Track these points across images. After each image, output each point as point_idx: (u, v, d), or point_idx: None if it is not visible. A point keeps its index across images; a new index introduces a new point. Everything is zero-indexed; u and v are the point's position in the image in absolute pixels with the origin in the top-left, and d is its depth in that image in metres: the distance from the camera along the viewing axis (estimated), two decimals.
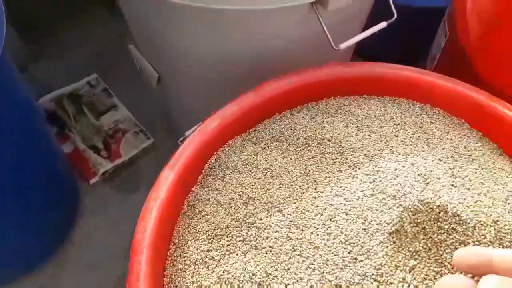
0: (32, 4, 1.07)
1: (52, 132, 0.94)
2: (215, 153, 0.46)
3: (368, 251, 0.34)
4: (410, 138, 0.43)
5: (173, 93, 0.70)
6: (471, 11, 0.61)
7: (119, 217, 0.88)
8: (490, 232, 0.36)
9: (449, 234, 0.36)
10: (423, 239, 0.35)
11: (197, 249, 0.39)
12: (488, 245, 0.36)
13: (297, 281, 0.34)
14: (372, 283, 0.34)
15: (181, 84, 0.64)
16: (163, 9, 0.48)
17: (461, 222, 0.36)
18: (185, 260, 0.39)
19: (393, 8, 0.52)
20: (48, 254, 0.83)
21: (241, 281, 0.35)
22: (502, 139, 0.46)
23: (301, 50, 0.52)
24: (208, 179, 0.44)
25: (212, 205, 0.41)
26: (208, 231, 0.40)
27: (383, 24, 0.52)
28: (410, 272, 0.34)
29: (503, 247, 0.36)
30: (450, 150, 0.43)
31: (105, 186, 0.92)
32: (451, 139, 0.45)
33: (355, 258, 0.34)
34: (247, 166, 0.44)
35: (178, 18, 0.49)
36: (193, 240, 0.40)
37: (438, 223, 0.36)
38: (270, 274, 0.35)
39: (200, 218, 0.41)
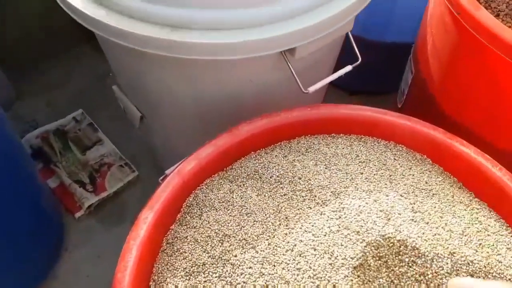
0: (17, 42, 1.10)
1: (37, 168, 0.95)
2: (193, 191, 0.48)
3: (334, 286, 0.37)
4: (374, 175, 0.47)
5: (155, 131, 0.73)
6: (431, 52, 0.66)
7: (104, 250, 0.89)
8: (447, 263, 0.39)
9: (410, 267, 0.39)
10: (386, 272, 0.38)
11: (175, 286, 0.41)
12: (445, 277, 0.39)
13: None
14: None
15: (163, 123, 0.67)
16: (142, 59, 0.52)
17: (420, 255, 0.39)
18: None
19: (357, 52, 0.56)
20: None
21: None
22: (461, 173, 0.50)
23: (273, 93, 0.56)
24: (186, 217, 0.46)
25: (190, 243, 0.44)
26: (186, 268, 0.42)
27: (349, 68, 0.56)
28: None
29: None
30: (412, 185, 0.46)
31: (90, 220, 0.93)
32: (413, 175, 0.48)
33: None
34: (224, 204, 0.46)
35: (156, 66, 0.52)
36: (171, 277, 0.42)
37: (399, 257, 0.39)
38: None
39: (178, 256, 0.43)
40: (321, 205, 0.43)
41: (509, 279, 0.40)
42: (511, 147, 0.59)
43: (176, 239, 0.45)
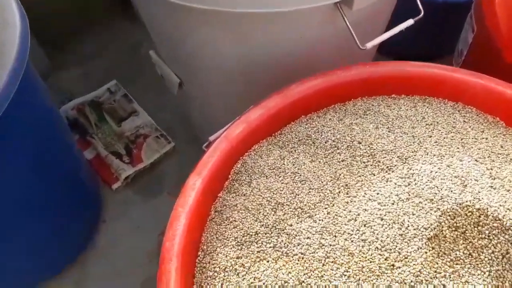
0: (51, 15, 1.09)
1: (75, 139, 0.95)
2: (241, 158, 0.45)
3: (406, 258, 0.33)
4: (444, 138, 0.42)
5: (195, 98, 0.70)
6: (500, 4, 0.59)
7: (142, 221, 0.88)
8: None
9: (491, 240, 0.34)
10: (463, 244, 0.34)
11: (226, 256, 0.38)
12: None
13: (330, 287, 0.33)
14: None
15: (203, 90, 0.64)
16: (183, 16, 0.48)
17: (503, 226, 0.34)
18: (214, 267, 0.38)
19: (419, 4, 0.50)
20: (72, 260, 0.84)
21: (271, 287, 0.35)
22: None
23: (325, 51, 0.51)
24: (235, 184, 0.43)
25: (240, 211, 0.41)
26: (237, 237, 0.39)
27: (410, 22, 0.50)
28: (450, 278, 0.33)
29: None
30: (487, 150, 0.41)
31: (128, 191, 0.92)
32: (486, 139, 0.43)
33: (393, 265, 0.33)
34: (274, 170, 0.43)
35: (199, 25, 0.48)
36: (222, 247, 0.39)
37: (479, 228, 0.34)
38: (303, 281, 0.34)
39: (228, 224, 0.40)
40: (386, 171, 0.39)
41: None
42: None
43: (225, 207, 0.42)
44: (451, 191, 0.35)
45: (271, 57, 0.50)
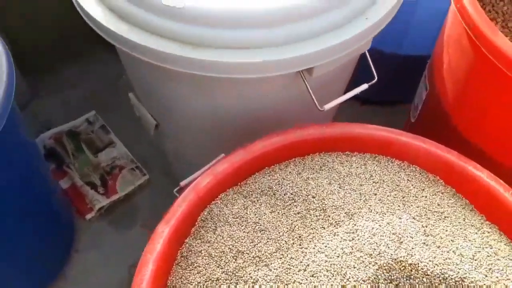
0: (32, 43, 1.12)
1: (50, 169, 0.97)
2: (208, 206, 0.49)
3: None
4: (388, 196, 0.47)
5: (169, 139, 0.74)
6: (446, 71, 0.67)
7: (114, 252, 0.90)
8: None
9: None
10: None
11: None
12: None
13: None
14: None
15: (177, 133, 0.68)
16: (159, 74, 0.53)
17: (430, 279, 0.39)
18: None
19: (373, 71, 0.57)
20: None
21: None
22: (473, 196, 0.50)
23: (288, 109, 0.57)
24: (201, 231, 0.47)
25: (204, 257, 0.45)
26: (199, 282, 0.43)
27: (365, 86, 0.57)
28: None
29: None
30: (424, 208, 0.47)
31: (101, 222, 0.94)
32: (425, 197, 0.49)
33: None
34: (238, 219, 0.47)
35: (175, 81, 0.53)
36: None
37: (410, 280, 0.39)
38: None
39: (192, 270, 0.44)
40: (334, 226, 0.44)
41: None
42: None
43: (190, 252, 0.46)
44: (388, 247, 0.41)
45: (239, 114, 0.56)
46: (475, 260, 0.43)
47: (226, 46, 0.47)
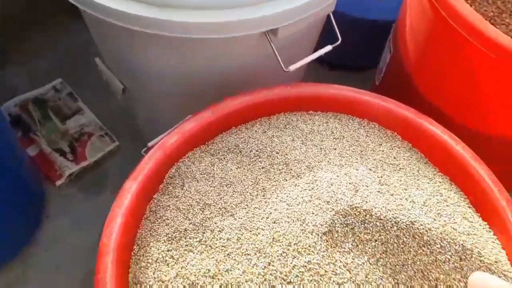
0: None
1: (16, 136, 0.95)
2: (175, 164, 0.50)
3: (306, 248, 0.41)
4: (347, 150, 0.50)
5: (138, 103, 0.74)
6: (408, 33, 0.69)
7: (85, 217, 0.91)
8: (407, 231, 0.43)
9: (374, 234, 0.43)
10: (352, 238, 0.42)
11: (158, 249, 0.44)
12: (407, 244, 0.43)
13: (245, 272, 0.40)
14: (310, 276, 0.40)
15: (146, 96, 0.68)
16: (130, 37, 0.53)
17: (383, 223, 0.43)
18: (147, 259, 0.44)
19: (337, 33, 0.58)
20: (14, 255, 0.85)
21: (196, 275, 0.41)
22: (427, 150, 0.54)
23: (255, 70, 0.58)
24: (169, 187, 0.49)
25: (172, 211, 0.46)
26: (168, 233, 0.45)
27: (328, 48, 0.58)
28: (340, 264, 0.40)
29: (420, 246, 0.43)
30: (381, 160, 0.50)
31: (71, 188, 0.95)
32: (382, 151, 0.52)
33: (294, 254, 0.40)
34: (205, 175, 0.49)
35: (144, 43, 0.53)
36: (154, 242, 0.45)
37: (364, 225, 0.43)
38: (221, 269, 0.41)
39: (161, 222, 0.46)
40: (296, 178, 0.46)
41: (462, 244, 0.45)
42: (479, 127, 0.63)
43: (159, 207, 0.47)
44: (345, 195, 0.43)
45: (208, 75, 0.57)
46: (426, 206, 0.46)
47: (192, 7, 0.47)
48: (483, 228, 0.49)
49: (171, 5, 0.48)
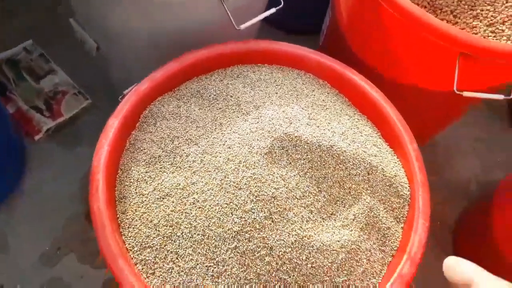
0: None
1: None
2: (148, 106, 0.62)
3: (252, 165, 0.54)
4: (286, 94, 0.63)
5: (110, 59, 0.84)
6: None
7: (63, 168, 1.01)
8: (328, 152, 0.57)
9: (302, 154, 0.57)
10: (286, 156, 0.56)
11: (138, 172, 0.56)
12: (327, 161, 0.57)
13: (207, 183, 0.53)
14: (255, 183, 0.53)
15: (117, 54, 0.78)
16: None
17: (309, 146, 0.57)
18: (129, 179, 0.56)
19: None
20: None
21: (169, 188, 0.54)
22: (350, 94, 0.68)
23: (212, 28, 0.69)
24: (143, 125, 0.61)
25: (148, 143, 0.59)
26: (145, 159, 0.57)
27: (272, 10, 0.70)
28: (277, 176, 0.54)
29: (338, 163, 0.58)
30: (312, 102, 0.64)
31: (50, 142, 1.03)
32: (314, 95, 0.65)
33: (243, 169, 0.54)
34: (173, 115, 0.61)
35: (114, 6, 0.63)
36: (135, 166, 0.57)
37: (296, 148, 0.56)
38: (188, 182, 0.54)
39: (139, 152, 0.58)
40: (245, 115, 0.59)
41: (370, 162, 0.60)
42: (395, 77, 0.78)
43: (136, 140, 0.59)
44: (281, 126, 0.57)
45: (172, 32, 0.67)
46: (343, 135, 0.61)
47: None
48: (388, 152, 0.64)
49: None
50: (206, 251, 0.50)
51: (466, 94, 0.67)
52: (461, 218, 1.07)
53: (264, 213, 0.51)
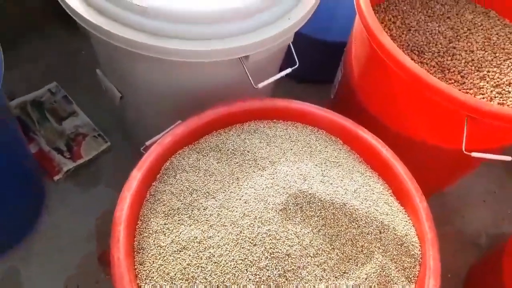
0: None
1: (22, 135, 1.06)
2: (169, 159, 0.65)
3: (267, 220, 0.56)
4: (300, 151, 0.66)
5: (132, 109, 0.88)
6: (354, 57, 0.86)
7: (81, 208, 1.03)
8: (340, 210, 0.59)
9: (316, 212, 0.59)
10: (300, 213, 0.58)
11: (157, 224, 0.59)
12: (339, 219, 0.59)
13: (223, 238, 0.55)
14: (269, 240, 0.55)
15: (140, 104, 0.83)
16: (126, 55, 0.67)
17: (323, 204, 0.59)
18: (148, 230, 0.58)
19: (295, 58, 0.75)
20: (17, 240, 0.96)
21: (186, 241, 0.56)
22: (361, 152, 0.71)
23: (231, 86, 0.74)
24: (164, 176, 0.64)
25: (167, 194, 0.61)
26: (164, 211, 0.60)
27: (288, 70, 0.74)
28: (291, 232, 0.56)
29: (350, 221, 0.59)
30: (325, 159, 0.66)
31: (68, 183, 1.06)
32: (327, 152, 0.68)
33: (259, 224, 0.56)
34: (192, 168, 0.64)
35: (140, 62, 0.68)
36: (154, 218, 0.59)
37: (310, 204, 0.59)
38: (205, 236, 0.56)
39: (159, 203, 0.61)
40: (261, 170, 0.62)
41: (382, 221, 0.61)
42: (400, 129, 0.80)
43: (156, 192, 0.62)
44: (296, 183, 0.59)
45: (192, 89, 0.72)
46: (356, 192, 0.63)
47: (183, 38, 0.62)
48: (399, 211, 0.66)
49: (166, 35, 0.63)
50: None
51: (474, 154, 0.69)
52: (472, 270, 1.07)
53: (279, 270, 0.52)
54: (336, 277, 0.55)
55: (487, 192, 1.23)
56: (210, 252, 0.54)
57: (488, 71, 0.83)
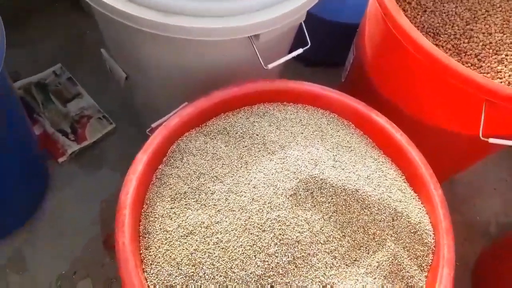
0: None
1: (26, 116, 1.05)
2: (176, 141, 0.63)
3: (276, 206, 0.54)
4: (311, 135, 0.64)
5: (138, 90, 0.86)
6: (367, 38, 0.83)
7: (86, 190, 1.02)
8: (353, 196, 0.57)
9: (327, 198, 0.57)
10: (311, 199, 0.56)
11: (163, 208, 0.57)
12: (351, 205, 0.57)
13: (231, 223, 0.53)
14: (279, 226, 0.53)
15: (146, 85, 0.80)
16: (135, 34, 0.64)
17: (334, 189, 0.57)
18: (154, 215, 0.57)
19: (307, 38, 0.72)
20: (22, 222, 0.96)
21: (193, 226, 0.54)
22: (374, 136, 0.68)
23: (241, 67, 0.71)
24: (171, 160, 0.62)
25: (174, 178, 0.59)
26: (171, 195, 0.58)
27: (300, 51, 0.71)
28: (301, 218, 0.54)
29: (363, 208, 0.57)
30: (337, 143, 0.64)
31: (73, 165, 1.05)
32: (339, 136, 0.66)
33: (268, 210, 0.54)
34: (199, 151, 0.62)
35: (149, 41, 0.65)
36: (160, 202, 0.58)
37: (321, 190, 0.57)
38: (213, 221, 0.54)
39: (165, 187, 0.59)
40: (271, 154, 0.60)
41: (395, 208, 0.59)
42: (416, 114, 0.78)
43: (163, 175, 0.60)
44: (307, 168, 0.57)
45: (201, 69, 0.69)
46: (369, 179, 0.61)
47: (193, 14, 0.60)
48: (413, 198, 0.64)
49: (175, 12, 0.60)
50: None
51: (492, 141, 0.66)
52: (481, 259, 1.05)
53: (288, 257, 0.51)
54: (347, 265, 0.53)
55: (499, 180, 1.21)
56: (217, 238, 0.53)
57: (507, 55, 0.79)
